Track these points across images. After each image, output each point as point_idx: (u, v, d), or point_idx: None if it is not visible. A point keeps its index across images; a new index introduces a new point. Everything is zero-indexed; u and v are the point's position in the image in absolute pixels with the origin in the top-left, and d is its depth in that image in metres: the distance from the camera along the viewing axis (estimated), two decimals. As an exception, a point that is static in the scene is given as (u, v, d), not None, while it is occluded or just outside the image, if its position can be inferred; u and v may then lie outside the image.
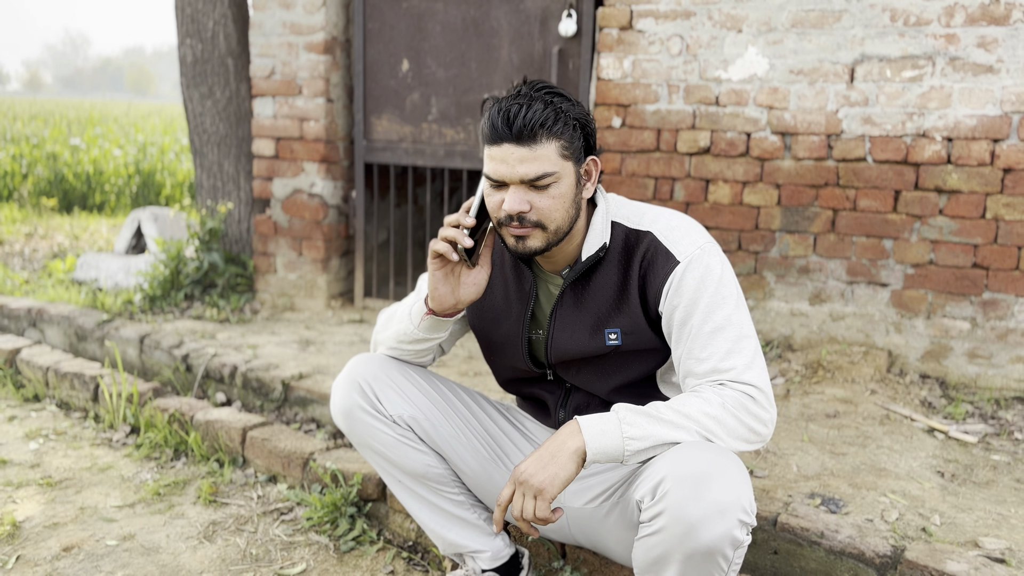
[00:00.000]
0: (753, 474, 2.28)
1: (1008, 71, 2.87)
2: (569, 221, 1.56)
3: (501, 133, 1.48)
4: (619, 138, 3.38)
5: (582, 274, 1.63)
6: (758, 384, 1.49)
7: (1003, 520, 2.10)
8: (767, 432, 1.50)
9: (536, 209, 1.51)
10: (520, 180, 1.50)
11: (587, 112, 1.57)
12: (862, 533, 1.97)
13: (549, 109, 1.48)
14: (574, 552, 1.94)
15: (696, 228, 1.61)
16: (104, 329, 3.60)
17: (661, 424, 1.45)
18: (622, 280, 1.61)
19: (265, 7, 3.90)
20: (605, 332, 1.62)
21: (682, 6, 3.22)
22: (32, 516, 2.30)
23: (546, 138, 1.48)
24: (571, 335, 1.65)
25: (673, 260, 1.55)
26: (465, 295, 1.64)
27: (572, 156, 1.53)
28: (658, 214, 1.63)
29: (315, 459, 2.40)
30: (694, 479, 1.35)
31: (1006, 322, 2.98)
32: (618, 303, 1.61)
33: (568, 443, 1.45)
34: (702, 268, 1.53)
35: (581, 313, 1.64)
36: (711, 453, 1.40)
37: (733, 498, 1.35)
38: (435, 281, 1.62)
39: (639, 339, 1.61)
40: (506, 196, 1.51)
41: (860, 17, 3.01)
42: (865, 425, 2.67)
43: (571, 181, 1.54)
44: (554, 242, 1.56)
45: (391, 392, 1.74)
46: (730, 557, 1.39)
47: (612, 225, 1.63)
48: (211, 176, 4.53)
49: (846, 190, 3.11)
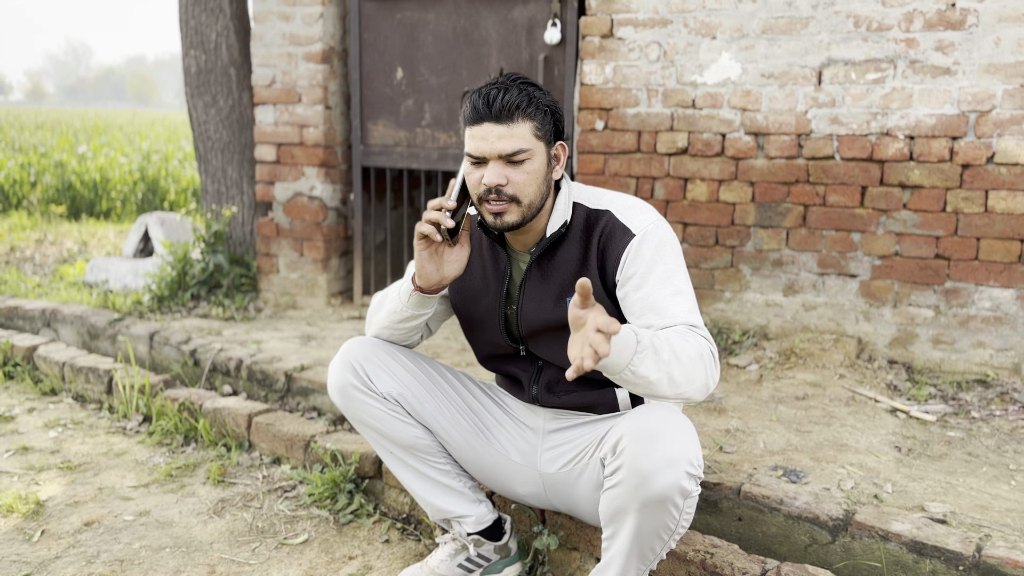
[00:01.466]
0: (722, 450, 2.46)
1: (964, 73, 3.04)
2: (540, 197, 1.75)
3: (482, 113, 1.68)
4: (602, 140, 3.56)
5: (547, 250, 1.82)
6: (712, 342, 1.67)
7: (950, 488, 2.27)
8: (713, 386, 1.61)
9: (512, 183, 1.70)
10: (498, 155, 1.69)
11: (556, 101, 1.76)
12: (818, 500, 2.15)
13: (523, 94, 1.68)
14: (552, 517, 2.12)
15: (649, 208, 1.80)
16: (115, 327, 3.79)
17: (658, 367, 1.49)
18: (583, 253, 1.79)
19: (266, 19, 4.09)
20: (567, 300, 1.79)
21: (659, 15, 3.40)
22: (54, 496, 2.48)
23: (521, 119, 1.68)
24: (538, 305, 1.83)
25: (630, 233, 1.74)
26: (448, 272, 1.83)
27: (543, 137, 1.73)
28: (615, 196, 1.82)
29: (316, 441, 2.58)
30: (647, 435, 1.53)
31: (967, 309, 3.16)
32: (579, 274, 1.79)
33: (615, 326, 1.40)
34: (656, 239, 1.72)
35: (547, 285, 1.82)
36: (664, 413, 1.58)
37: (680, 451, 1.53)
38: (421, 260, 1.81)
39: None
40: (486, 171, 1.70)
41: (826, 23, 3.19)
42: (832, 406, 2.85)
43: (543, 160, 1.73)
44: (528, 216, 1.74)
45: (381, 372, 1.92)
46: (680, 506, 1.56)
47: (574, 206, 1.82)
48: (215, 181, 4.72)
49: (816, 187, 3.29)
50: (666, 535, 1.62)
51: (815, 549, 2.09)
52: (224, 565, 2.14)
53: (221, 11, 4.55)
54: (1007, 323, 3.11)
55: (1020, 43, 2.96)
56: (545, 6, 3.67)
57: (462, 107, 1.73)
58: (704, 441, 2.51)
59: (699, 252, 3.49)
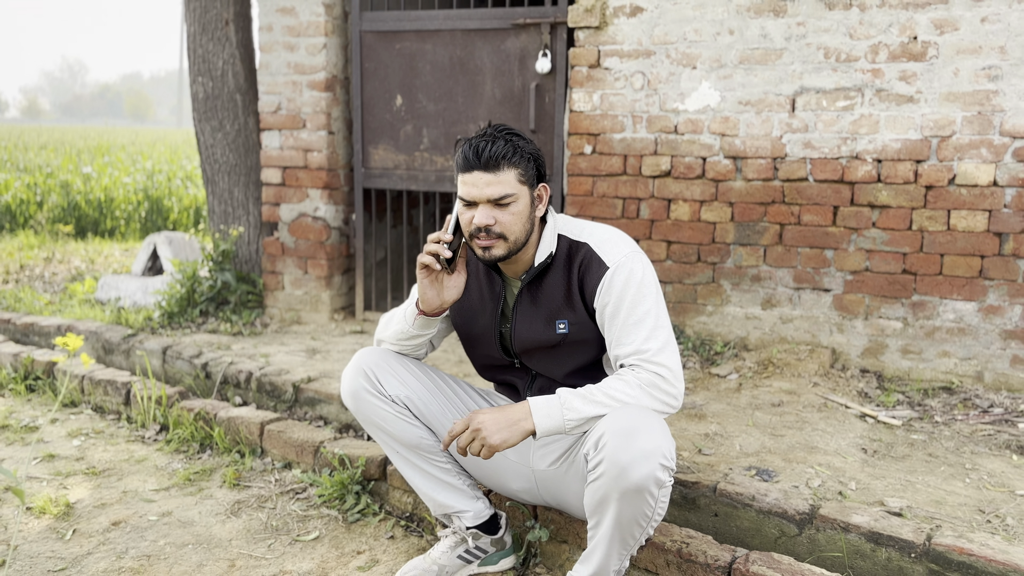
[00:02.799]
0: (701, 452, 2.67)
1: (926, 100, 3.27)
2: (525, 234, 1.97)
3: (472, 163, 1.90)
4: (590, 163, 3.78)
5: (535, 277, 2.04)
6: (668, 364, 1.88)
7: (909, 485, 2.47)
8: (675, 403, 1.89)
9: (499, 223, 1.92)
10: (487, 200, 1.91)
11: (538, 149, 1.99)
12: (787, 496, 2.35)
13: (509, 145, 1.91)
14: (544, 513, 2.31)
15: (624, 240, 2.01)
16: (129, 343, 3.99)
17: (592, 404, 1.85)
18: (567, 281, 2.01)
19: (271, 49, 4.32)
20: (556, 323, 2.01)
21: (643, 46, 3.63)
22: (82, 499, 2.67)
23: (507, 167, 1.90)
24: (529, 326, 2.04)
25: (604, 266, 1.95)
26: (448, 296, 2.05)
27: (527, 182, 1.95)
28: (594, 229, 2.04)
29: (325, 446, 2.78)
30: (625, 432, 1.74)
31: (933, 321, 3.37)
32: (566, 300, 2.01)
33: (522, 424, 1.86)
34: (626, 272, 1.93)
35: (537, 309, 2.04)
36: (639, 413, 1.79)
37: (655, 446, 1.73)
38: (423, 287, 2.03)
39: (583, 329, 2.01)
40: (476, 213, 1.93)
41: (798, 54, 3.42)
42: (805, 412, 3.05)
43: (527, 202, 1.96)
44: (514, 250, 1.97)
45: (390, 377, 2.12)
46: (656, 495, 1.77)
47: (559, 238, 2.04)
48: (222, 202, 4.93)
49: (791, 207, 3.51)
50: (644, 522, 1.83)
51: (784, 541, 2.29)
52: (243, 560, 2.33)
53: (227, 40, 4.77)
54: (970, 334, 3.32)
55: (977, 74, 3.19)
56: (536, 37, 3.89)
57: (455, 155, 1.96)
58: (684, 444, 2.72)
59: (682, 268, 3.71)
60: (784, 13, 3.42)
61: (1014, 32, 3.12)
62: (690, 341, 3.70)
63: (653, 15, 3.60)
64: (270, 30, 4.30)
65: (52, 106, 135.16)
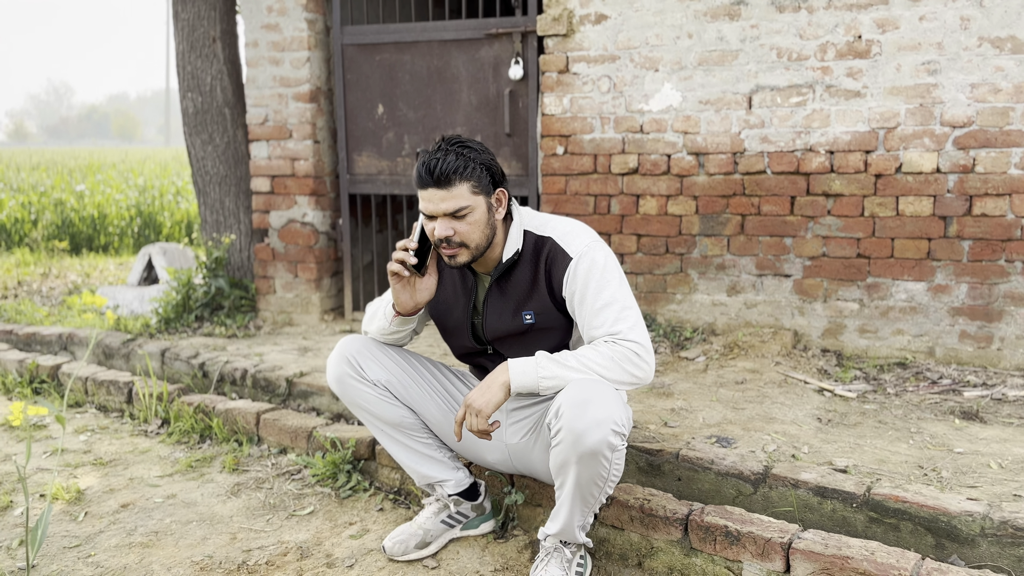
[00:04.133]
0: (667, 425, 2.87)
1: (872, 95, 3.50)
2: (486, 239, 2.15)
3: (425, 180, 2.09)
4: (563, 163, 4.00)
5: (504, 272, 2.22)
6: (639, 341, 2.08)
7: (857, 447, 2.69)
8: (645, 376, 2.08)
9: (459, 233, 2.10)
10: (443, 213, 2.09)
11: (492, 157, 2.16)
12: (743, 459, 2.56)
13: (460, 159, 2.07)
14: (519, 480, 2.52)
15: (585, 230, 2.20)
16: (129, 347, 4.18)
17: (565, 368, 2.04)
18: (533, 274, 2.19)
19: (258, 64, 4.53)
20: (523, 314, 2.20)
21: (608, 51, 3.85)
22: (92, 486, 2.86)
23: (459, 181, 2.07)
24: (499, 317, 2.24)
25: (568, 257, 2.14)
26: (420, 298, 2.25)
27: (482, 191, 2.12)
28: (557, 223, 2.22)
29: (317, 431, 2.98)
30: (580, 402, 1.94)
31: (887, 301, 3.59)
32: (531, 291, 2.20)
33: (499, 378, 2.04)
34: (588, 261, 2.12)
35: (505, 301, 2.23)
36: (593, 385, 1.99)
37: (606, 414, 1.94)
38: (395, 292, 2.23)
39: (548, 318, 2.20)
40: (436, 225, 2.11)
41: (753, 55, 3.65)
42: (766, 388, 3.26)
43: (483, 210, 2.13)
44: (477, 255, 2.15)
45: (371, 363, 2.32)
46: (610, 457, 1.97)
47: (524, 233, 2.22)
48: (214, 212, 5.13)
49: (751, 198, 3.73)
50: (601, 482, 2.03)
51: (740, 500, 2.49)
52: (243, 533, 2.52)
53: (215, 57, 4.98)
54: (921, 312, 3.54)
55: (917, 68, 3.42)
56: (508, 46, 4.12)
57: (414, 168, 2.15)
58: (651, 419, 2.92)
59: (652, 260, 3.92)
60: (739, 16, 3.65)
61: (950, 29, 3.36)
62: (661, 328, 3.91)
63: (617, 22, 3.82)
64: (256, 46, 4.52)
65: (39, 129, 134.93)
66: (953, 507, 2.18)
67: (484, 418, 2.01)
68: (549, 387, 2.04)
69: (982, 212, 3.41)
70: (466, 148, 2.12)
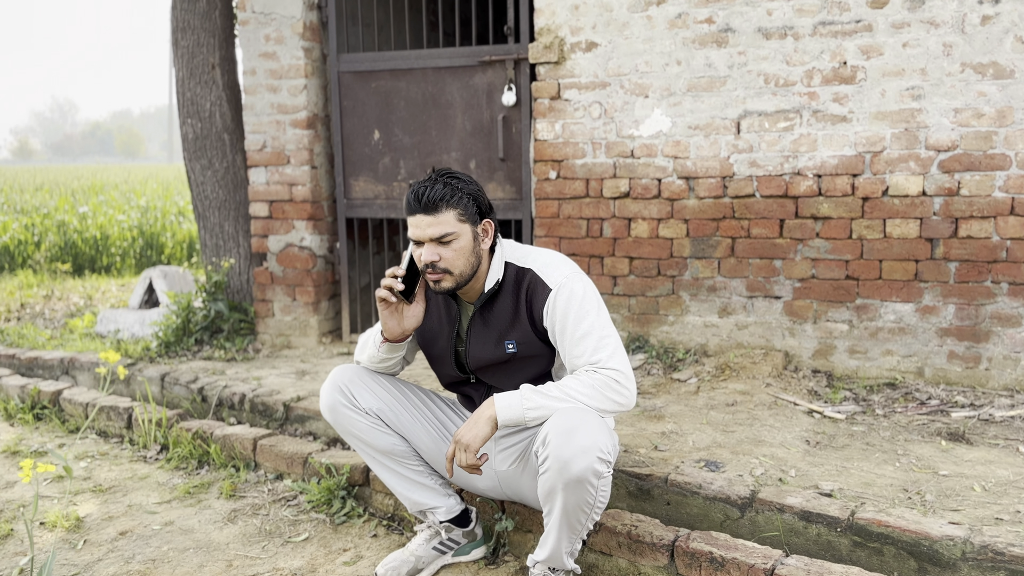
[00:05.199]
0: (657, 449, 2.92)
1: (858, 119, 3.56)
2: (470, 267, 2.21)
3: (413, 207, 2.15)
4: (556, 188, 4.06)
5: (486, 302, 2.28)
6: (619, 368, 2.13)
7: (844, 471, 2.73)
8: (627, 402, 2.13)
9: (444, 259, 2.16)
10: (430, 239, 2.15)
11: (479, 188, 2.22)
12: (731, 484, 2.60)
13: (447, 188, 2.14)
14: (510, 506, 2.56)
15: (564, 262, 2.26)
16: (129, 371, 4.23)
17: (549, 399, 2.09)
18: (514, 305, 2.25)
19: (255, 91, 4.60)
20: (505, 343, 2.26)
21: (599, 78, 3.92)
22: (91, 513, 2.91)
23: (445, 208, 2.14)
24: (482, 347, 2.29)
25: (547, 288, 2.20)
26: (408, 325, 2.30)
27: (468, 220, 2.18)
28: (537, 254, 2.28)
29: (313, 457, 3.03)
30: (566, 430, 1.99)
31: (876, 322, 3.64)
32: (513, 321, 2.25)
33: (485, 412, 2.09)
34: (568, 292, 2.18)
35: (488, 330, 2.28)
36: (578, 414, 2.04)
37: (592, 442, 1.98)
38: (384, 318, 2.28)
39: (530, 347, 2.25)
40: (423, 251, 2.17)
41: (741, 81, 3.71)
42: (756, 410, 3.31)
43: (469, 238, 2.19)
44: (462, 283, 2.21)
45: (363, 391, 2.37)
46: (596, 485, 2.02)
47: (506, 265, 2.28)
48: (213, 236, 5.20)
49: (741, 221, 3.79)
50: (587, 508, 2.07)
51: (728, 524, 2.53)
52: (239, 560, 2.57)
53: (214, 83, 5.06)
54: (910, 332, 3.59)
55: (902, 94, 3.48)
56: (502, 73, 4.19)
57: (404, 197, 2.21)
58: (641, 442, 2.97)
59: (644, 282, 3.97)
60: (726, 44, 3.71)
61: (933, 55, 3.42)
62: (654, 350, 3.96)
63: (607, 49, 3.89)
64: (254, 73, 4.59)
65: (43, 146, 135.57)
66: (935, 531, 2.22)
67: (472, 453, 2.06)
68: (535, 418, 2.09)
69: (968, 234, 3.46)
70: (454, 179, 2.19)
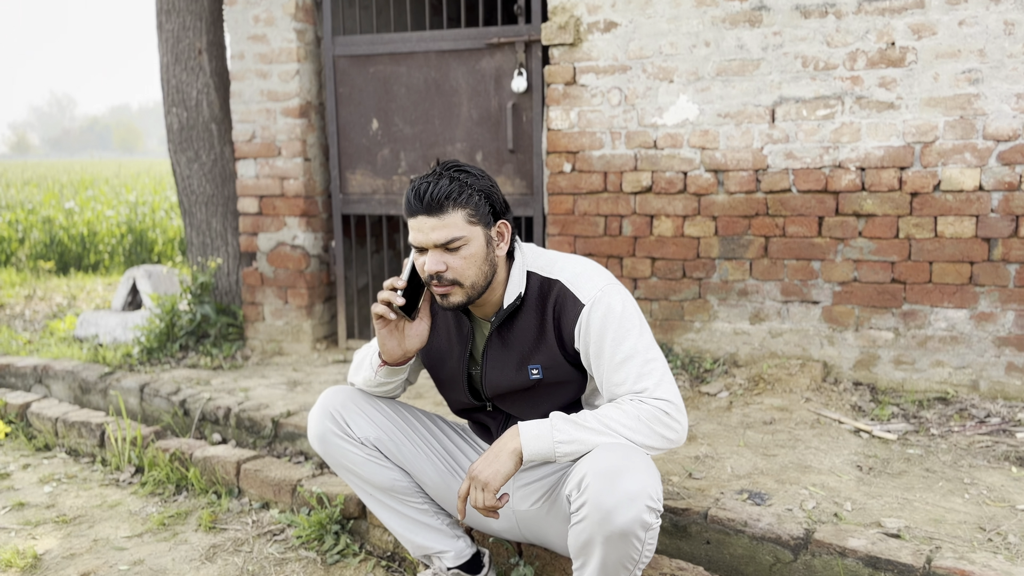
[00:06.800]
0: (691, 476, 2.58)
1: (907, 107, 3.22)
2: (484, 277, 1.85)
3: (414, 207, 1.79)
4: (570, 182, 3.72)
5: (506, 318, 1.92)
6: (669, 398, 1.79)
7: (907, 503, 2.39)
8: (678, 437, 1.79)
9: (451, 268, 1.81)
10: (434, 245, 1.80)
11: (492, 184, 1.86)
12: (780, 520, 2.26)
13: (454, 184, 1.78)
14: (529, 549, 2.22)
15: (599, 272, 1.90)
16: (106, 381, 3.89)
17: (586, 431, 1.75)
18: (539, 323, 1.89)
19: (244, 77, 4.25)
20: (528, 368, 1.90)
21: (619, 62, 3.57)
22: (51, 549, 2.57)
23: (453, 208, 1.78)
24: (500, 371, 1.94)
25: (579, 304, 1.84)
26: (411, 345, 1.94)
27: (480, 221, 1.82)
28: (566, 262, 1.92)
29: (302, 485, 2.69)
30: (609, 473, 1.65)
31: (924, 330, 3.30)
32: (537, 342, 1.89)
33: (508, 445, 1.75)
34: (604, 308, 1.82)
35: (507, 352, 1.93)
36: (623, 451, 1.70)
37: (640, 487, 1.64)
38: (382, 338, 1.92)
39: (557, 373, 1.90)
40: (426, 259, 1.82)
41: (776, 64, 3.37)
42: (797, 429, 2.97)
43: (481, 243, 1.83)
44: (474, 296, 1.85)
45: (358, 418, 2.03)
46: (642, 538, 1.68)
47: (528, 275, 1.92)
48: (200, 234, 4.85)
49: (775, 218, 3.45)
50: (631, 565, 1.73)
51: (779, 568, 2.20)
52: (216, 609, 2.23)
53: (201, 70, 4.71)
54: (963, 342, 3.25)
55: (957, 77, 3.14)
56: (511, 56, 3.84)
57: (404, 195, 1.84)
58: (674, 468, 2.63)
59: (668, 285, 3.63)
60: (760, 23, 3.37)
61: (992, 35, 3.07)
62: (678, 359, 3.62)
63: (627, 30, 3.55)
64: (242, 58, 4.24)
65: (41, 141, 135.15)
66: (1030, 585, 1.89)
67: (492, 492, 1.72)
68: (567, 453, 1.75)
69: (1030, 233, 3.12)
70: (462, 172, 1.83)
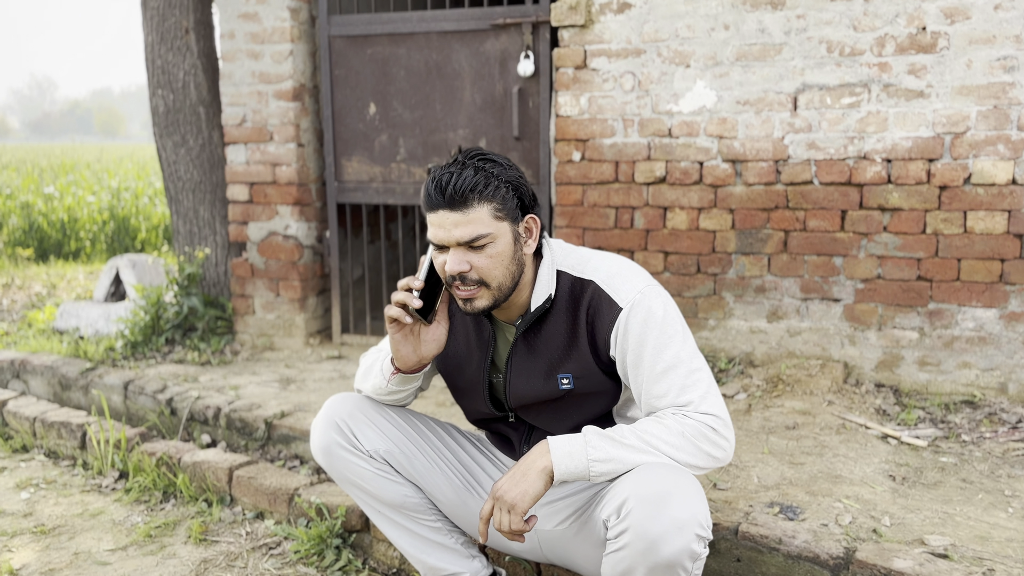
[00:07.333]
0: (716, 487, 2.42)
1: (938, 95, 3.06)
2: (511, 277, 1.67)
3: (435, 201, 1.61)
4: (580, 171, 3.54)
5: (533, 323, 1.74)
6: (716, 413, 1.62)
7: (948, 518, 2.24)
8: (725, 455, 1.63)
9: (476, 268, 1.63)
10: (457, 243, 1.62)
11: (520, 175, 1.68)
12: (817, 537, 2.11)
13: (480, 175, 1.60)
14: (548, 570, 2.06)
15: (636, 272, 1.73)
16: (88, 377, 3.69)
17: (624, 448, 1.58)
18: (571, 328, 1.72)
19: (234, 58, 4.04)
20: (558, 377, 1.73)
21: (632, 45, 3.39)
22: (28, 564, 2.38)
23: (478, 202, 1.60)
24: (526, 381, 1.76)
25: (616, 307, 1.67)
26: (427, 351, 1.76)
27: (507, 216, 1.65)
28: (600, 261, 1.75)
29: (300, 494, 2.51)
30: (654, 498, 1.48)
31: (951, 330, 3.15)
32: (568, 349, 1.72)
33: (538, 463, 1.57)
34: (644, 311, 1.65)
35: (534, 360, 1.75)
36: (669, 473, 1.53)
37: (690, 515, 1.47)
38: (395, 343, 1.74)
39: (590, 382, 1.73)
40: (447, 258, 1.63)
41: (799, 49, 3.20)
42: (823, 435, 2.82)
43: (508, 240, 1.65)
44: (501, 299, 1.67)
45: (367, 428, 1.86)
46: (690, 569, 1.51)
47: (558, 275, 1.74)
48: (187, 222, 4.64)
49: (795, 212, 3.29)
50: (675, 599, 1.57)
51: (817, 589, 2.05)
52: (209, 633, 2.05)
53: (188, 50, 4.49)
54: (991, 343, 3.11)
55: (991, 65, 2.98)
56: (518, 38, 3.65)
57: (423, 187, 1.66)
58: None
59: (681, 280, 3.47)
60: (783, 5, 3.19)
61: (1030, 19, 2.92)
62: (692, 358, 3.46)
63: (642, 11, 3.36)
64: (232, 37, 4.03)
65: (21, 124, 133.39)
66: (1098, 614, 1.74)
67: (519, 515, 1.54)
68: (603, 473, 1.58)
69: (1066, 230, 2.97)
70: (488, 162, 1.64)
